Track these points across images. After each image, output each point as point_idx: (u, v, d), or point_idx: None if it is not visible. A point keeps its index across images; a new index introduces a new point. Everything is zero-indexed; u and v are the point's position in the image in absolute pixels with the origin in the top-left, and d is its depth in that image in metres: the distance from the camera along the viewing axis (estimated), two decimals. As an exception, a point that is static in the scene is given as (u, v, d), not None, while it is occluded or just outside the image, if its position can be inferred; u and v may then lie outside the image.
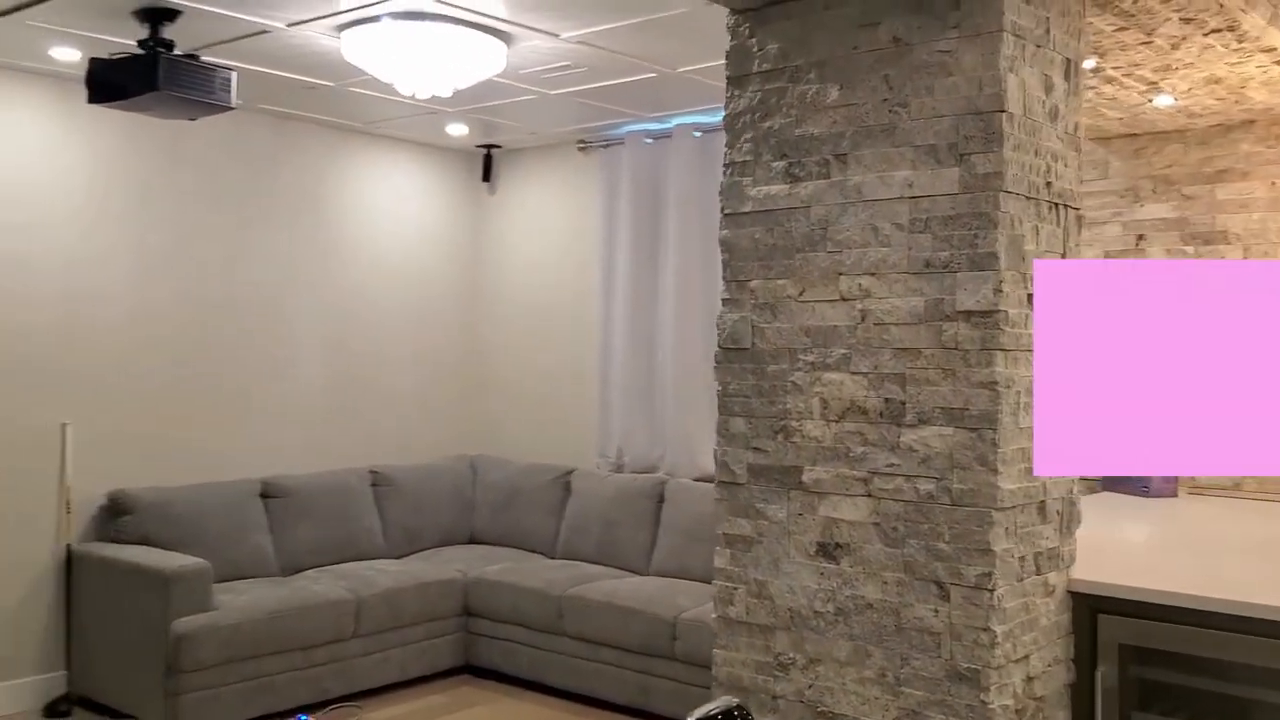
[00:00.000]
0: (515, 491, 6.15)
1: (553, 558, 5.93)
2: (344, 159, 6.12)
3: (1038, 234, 2.52)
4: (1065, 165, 2.62)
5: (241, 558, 5.26)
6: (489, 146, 6.51)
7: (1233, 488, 4.12)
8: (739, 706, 2.21)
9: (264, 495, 5.51)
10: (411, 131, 6.14)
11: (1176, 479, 4.11)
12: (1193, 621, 2.52)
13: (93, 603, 4.88)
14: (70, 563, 5.01)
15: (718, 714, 2.17)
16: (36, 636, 4.94)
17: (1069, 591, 2.68)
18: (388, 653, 5.22)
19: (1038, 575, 2.55)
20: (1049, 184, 2.56)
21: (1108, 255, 4.39)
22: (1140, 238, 4.30)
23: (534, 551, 6.02)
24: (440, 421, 6.59)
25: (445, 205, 6.63)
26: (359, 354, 6.18)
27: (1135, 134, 4.30)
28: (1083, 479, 4.49)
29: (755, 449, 2.75)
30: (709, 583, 5.22)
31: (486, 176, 6.66)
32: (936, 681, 2.45)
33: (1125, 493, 4.16)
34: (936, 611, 2.46)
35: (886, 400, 2.54)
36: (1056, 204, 2.60)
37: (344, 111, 5.66)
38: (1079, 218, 2.68)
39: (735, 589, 2.78)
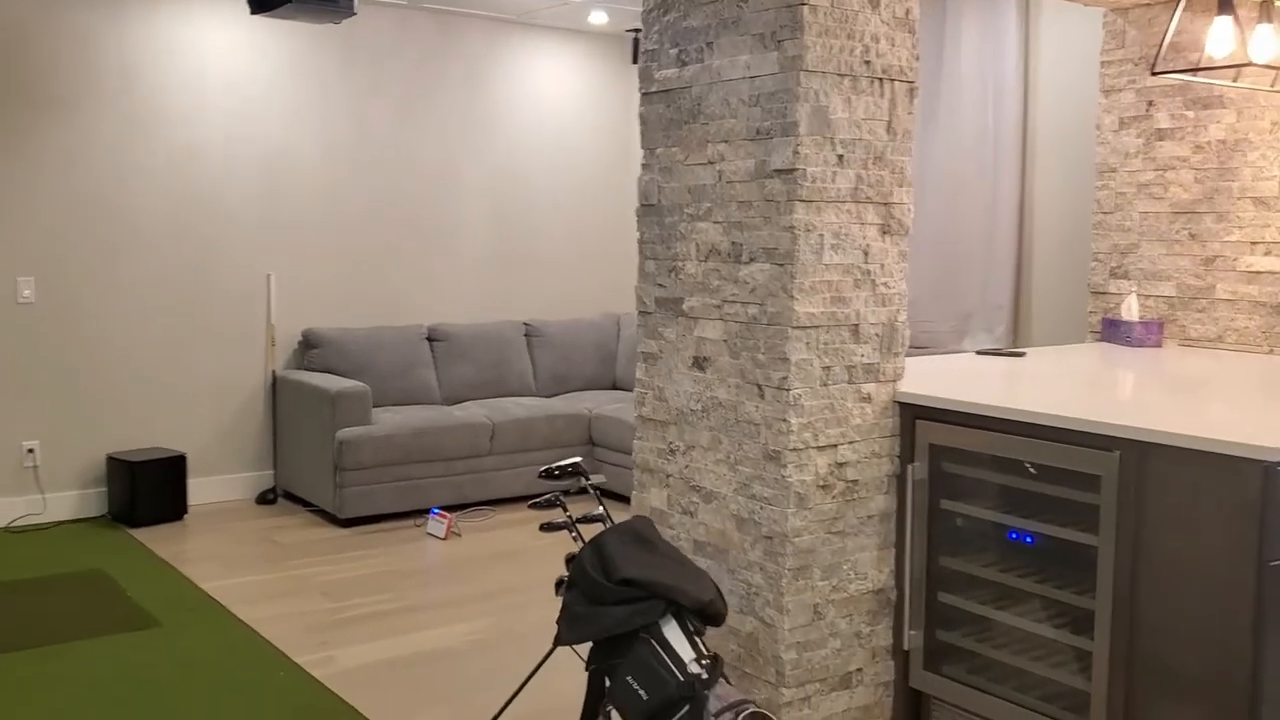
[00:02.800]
0: (649, 344, 7.02)
1: (674, 402, 6.77)
2: (501, 49, 7.04)
3: (850, 105, 3.06)
4: (893, 45, 3.11)
5: (411, 388, 6.45)
6: (636, 31, 7.22)
7: (1215, 339, 4.37)
8: (575, 462, 3.02)
9: (430, 339, 6.67)
10: (561, 21, 6.97)
11: (1161, 331, 4.41)
12: (987, 426, 3.06)
13: (289, 416, 6.22)
14: (274, 385, 6.37)
15: (563, 467, 2.99)
16: (252, 441, 6.36)
17: (896, 401, 3.26)
18: (519, 470, 6.28)
19: (849, 384, 3.15)
20: (868, 62, 3.08)
21: (1121, 121, 4.63)
22: (1150, 104, 4.51)
23: (662, 396, 6.89)
24: (588, 283, 7.52)
25: (596, 86, 7.43)
26: (517, 223, 7.18)
27: (1149, 4, 4.48)
28: (1088, 330, 4.82)
29: (658, 284, 3.46)
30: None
31: (635, 59, 7.39)
32: (757, 461, 3.14)
33: (1115, 342, 4.49)
34: (758, 407, 3.13)
35: (733, 243, 3.19)
36: (880, 79, 3.11)
37: (499, 5, 6.56)
38: (910, 89, 3.17)
39: (645, 394, 3.53)
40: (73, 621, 4.37)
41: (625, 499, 6.36)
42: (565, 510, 3.06)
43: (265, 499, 6.28)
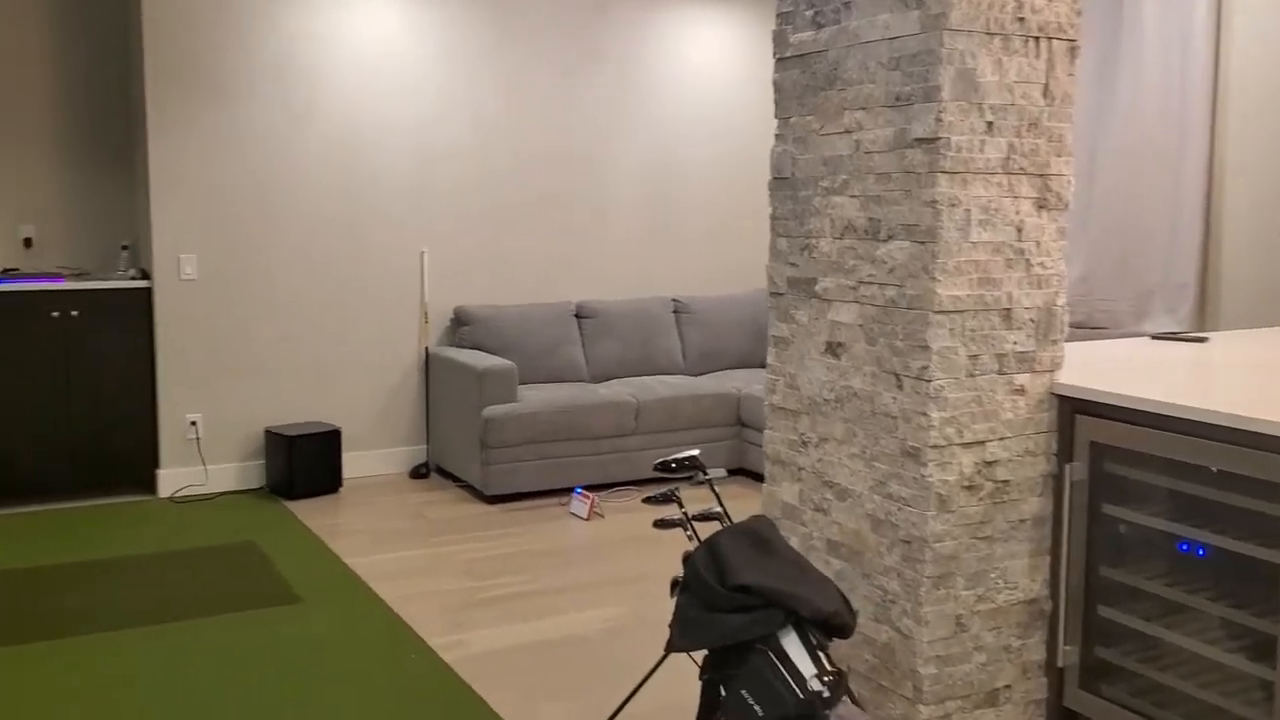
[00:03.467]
0: (804, 321, 6.76)
1: (829, 381, 6.51)
2: (655, 20, 6.86)
3: (1000, 67, 2.75)
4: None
5: (558, 366, 6.40)
6: (793, -1, 6.93)
7: None
8: (691, 456, 2.85)
9: (578, 315, 6.59)
10: (713, -9, 6.74)
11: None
12: (1157, 425, 2.73)
13: (440, 392, 6.25)
14: (427, 361, 6.41)
15: (680, 460, 2.82)
16: (405, 417, 6.43)
17: (1053, 394, 2.95)
18: (664, 450, 6.15)
19: (999, 374, 2.86)
20: (1021, 19, 2.77)
21: None
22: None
23: (816, 376, 6.63)
24: (738, 258, 7.30)
25: (750, 56, 7.17)
26: (667, 197, 7.01)
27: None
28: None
29: (790, 263, 3.24)
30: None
31: (793, 28, 7.09)
32: (894, 457, 2.90)
33: None
34: (895, 399, 2.88)
35: (870, 219, 2.94)
36: (1035, 37, 2.79)
37: (643, -21, 6.38)
38: (1071, 48, 2.84)
39: (776, 381, 3.32)
40: (219, 595, 4.47)
41: (775, 482, 6.15)
42: (681, 506, 2.89)
43: (418, 473, 6.33)
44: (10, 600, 4.39)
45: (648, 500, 2.92)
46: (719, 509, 2.88)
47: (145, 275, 5.94)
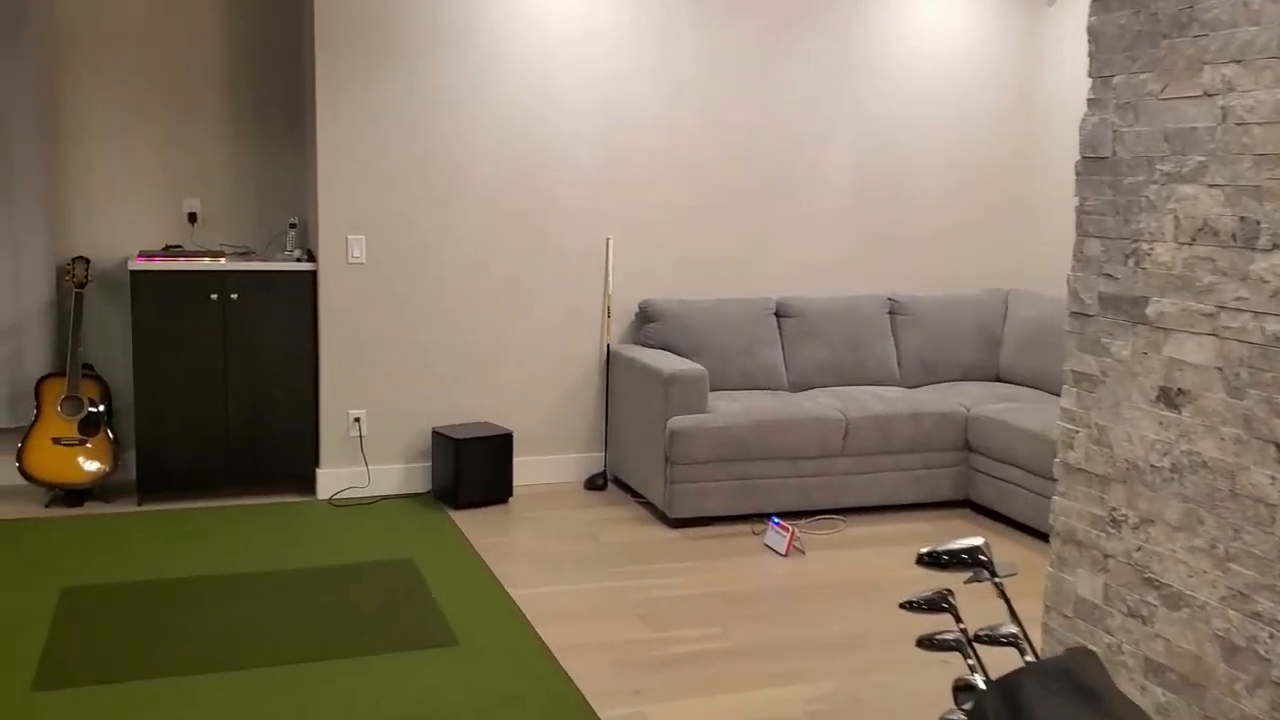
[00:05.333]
0: (1049, 330, 5.78)
1: (1074, 402, 5.52)
2: (881, -21, 5.99)
3: None
4: None
5: (753, 370, 5.63)
6: (1045, -48, 5.94)
7: None
8: (976, 548, 2.05)
9: (778, 314, 5.80)
10: (951, -57, 5.81)
11: None
12: None
13: (622, 396, 5.58)
14: (608, 360, 5.74)
15: (954, 552, 2.04)
16: (583, 421, 5.78)
17: None
18: (879, 475, 5.31)
19: None
20: None
21: None
22: None
23: (1059, 395, 5.66)
24: (969, 252, 6.35)
25: (987, 21, 6.21)
26: (887, 178, 6.13)
27: None
28: None
29: (1106, 274, 2.38)
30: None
31: (1043, -14, 6.10)
32: (1269, 562, 2.02)
33: None
34: (1274, 479, 2.00)
35: (1241, 219, 2.06)
36: None
37: (871, -72, 5.51)
38: None
39: (1076, 433, 2.48)
40: (366, 628, 3.90)
41: (1017, 525, 5.24)
42: (958, 620, 2.09)
43: (594, 484, 5.69)
44: (139, 619, 3.93)
45: (908, 606, 2.13)
46: (1013, 629, 2.07)
47: (311, 257, 5.47)
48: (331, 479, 5.44)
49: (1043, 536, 5.05)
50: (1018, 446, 5.06)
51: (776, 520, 4.88)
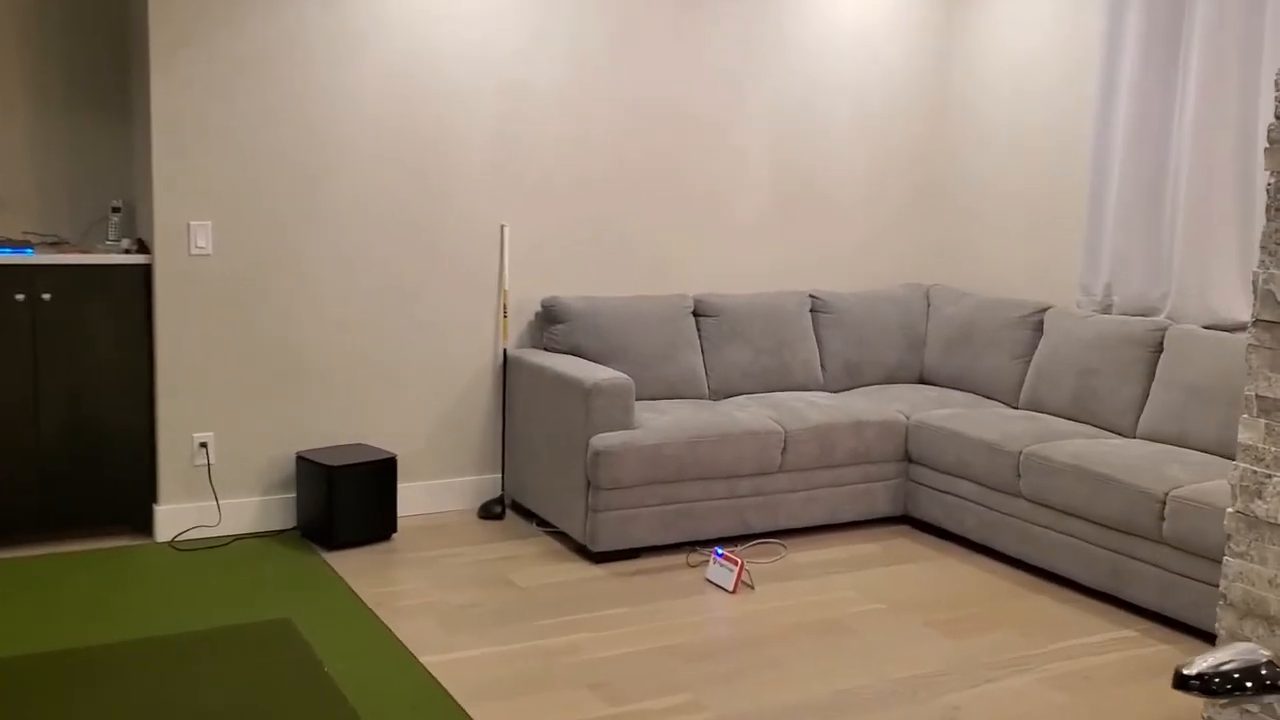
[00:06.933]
0: (974, 328, 5.35)
1: (1014, 407, 5.11)
2: (798, -60, 5.41)
3: None
4: None
5: (672, 376, 4.98)
6: (969, -81, 5.49)
7: None
8: (1270, 663, 1.43)
9: (696, 314, 5.16)
10: (876, -97, 5.28)
11: None
12: None
13: (523, 408, 4.82)
14: (505, 367, 4.97)
15: (1238, 670, 1.41)
16: (474, 438, 4.99)
17: None
18: (815, 492, 4.75)
19: None
20: None
21: None
22: None
23: (990, 398, 5.23)
24: (891, 246, 5.87)
25: (913, 7, 5.74)
26: (804, 168, 5.58)
27: None
28: None
29: (1322, 274, 1.83)
30: (1218, 454, 4.20)
31: (964, -43, 5.65)
32: None
33: None
34: None
35: None
36: None
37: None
38: None
39: (1269, 477, 1.91)
40: (248, 718, 3.05)
41: (964, 542, 4.74)
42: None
43: (491, 513, 4.91)
44: (-61, 730, 2.96)
45: None
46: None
47: (144, 247, 4.49)
48: (173, 517, 4.48)
49: (997, 556, 4.59)
50: (970, 459, 4.58)
51: (720, 552, 4.23)
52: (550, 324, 4.90)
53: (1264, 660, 1.44)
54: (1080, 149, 5.19)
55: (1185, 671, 1.46)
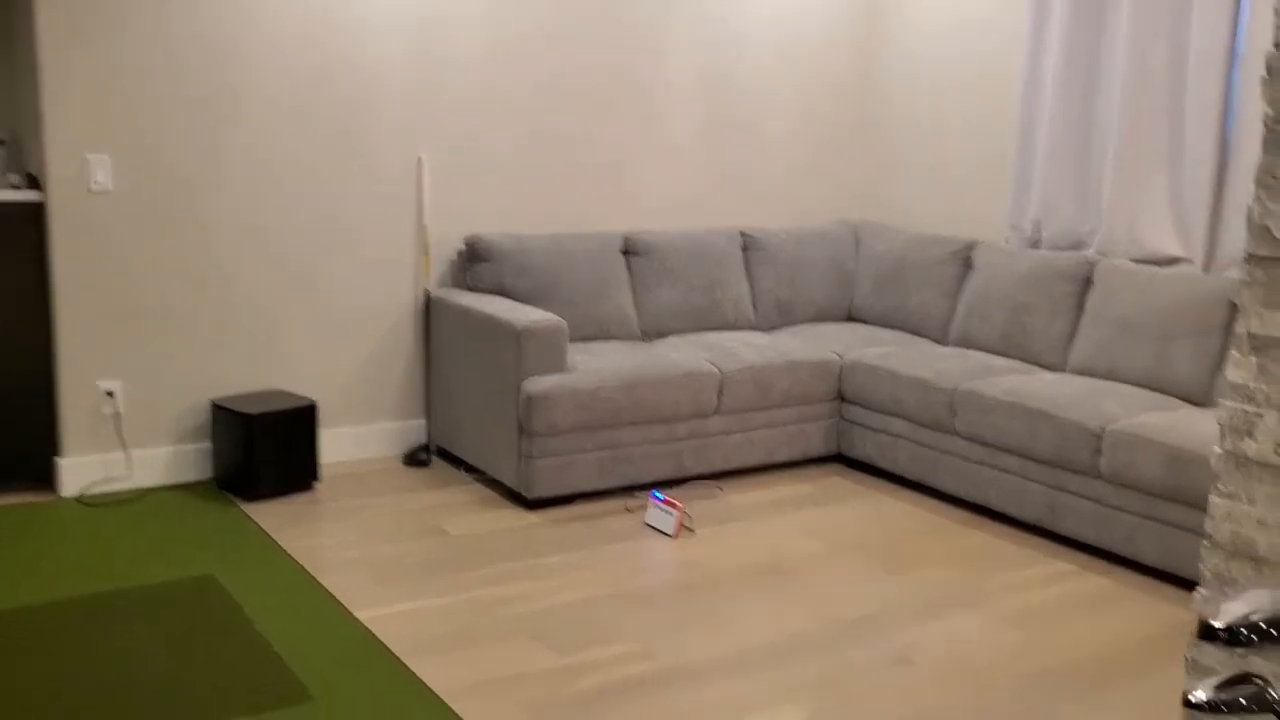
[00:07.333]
0: (904, 265, 5.32)
1: (943, 344, 5.10)
2: None
3: None
4: None
5: (602, 317, 4.84)
6: None
7: None
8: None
9: (626, 251, 5.02)
10: None
11: None
12: None
13: (449, 352, 4.65)
14: (428, 308, 4.78)
15: (1265, 620, 1.35)
16: (397, 382, 4.81)
17: None
18: (752, 433, 4.68)
19: None
20: None
21: None
22: None
23: (920, 335, 5.21)
24: (819, 182, 5.79)
25: (842, -78, 5.59)
26: (734, 105, 5.44)
27: None
28: None
29: (1323, 206, 1.77)
30: (1148, 388, 4.23)
31: (893, -115, 5.53)
32: None
33: None
34: None
35: None
36: None
37: None
38: None
39: (1259, 416, 1.87)
40: (178, 690, 2.87)
41: (897, 479, 4.73)
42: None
43: (416, 459, 4.74)
44: None
45: (1206, 708, 1.42)
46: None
47: (35, 183, 4.17)
48: (78, 470, 4.22)
49: (930, 493, 4.60)
50: (904, 396, 4.56)
51: (659, 496, 4.15)
52: (474, 263, 4.72)
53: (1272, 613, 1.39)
54: (1011, 85, 5.15)
55: (1213, 623, 1.41)
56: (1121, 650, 3.27)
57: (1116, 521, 3.84)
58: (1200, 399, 4.15)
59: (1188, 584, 3.71)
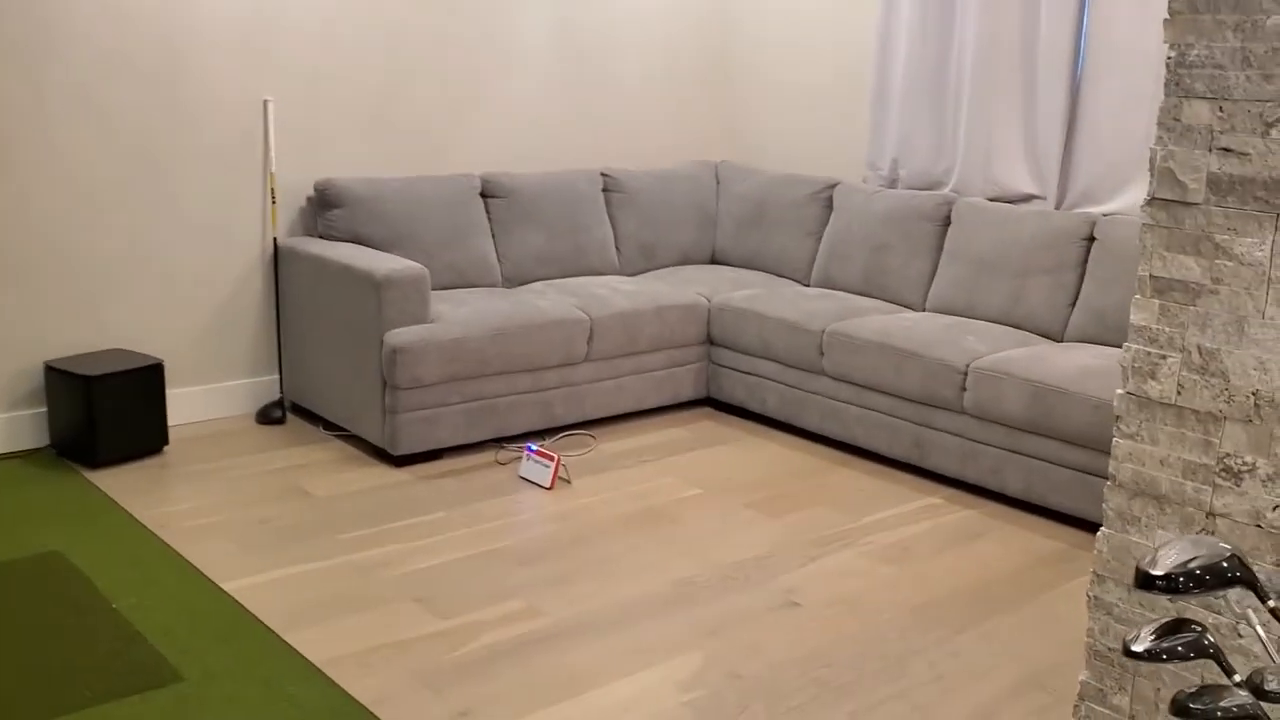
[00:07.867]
0: (765, 206, 5.31)
1: (806, 285, 5.13)
2: None
3: None
4: None
5: (463, 263, 4.69)
6: None
7: None
8: (1233, 557, 1.39)
9: (485, 195, 4.86)
10: None
11: None
12: None
13: (301, 303, 4.42)
14: (276, 258, 4.53)
15: (1201, 568, 1.37)
16: (247, 336, 4.56)
17: None
18: (622, 380, 4.62)
19: None
20: None
21: None
22: None
23: (784, 276, 5.24)
24: (680, 121, 5.72)
25: None
26: (589, 41, 5.30)
27: None
28: None
29: (1224, 150, 1.79)
30: (1005, 324, 4.35)
31: None
32: None
33: None
34: None
35: None
36: None
37: None
38: None
39: (1163, 357, 1.90)
40: (35, 677, 2.65)
41: (768, 421, 4.75)
42: (1228, 671, 1.43)
43: (270, 417, 4.51)
44: None
45: (1146, 656, 1.43)
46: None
47: None
48: (-105, 444, 3.86)
49: (799, 433, 4.64)
50: (771, 339, 4.57)
51: (533, 447, 4.05)
52: (325, 209, 4.48)
53: (1226, 554, 1.41)
54: (868, 25, 5.16)
55: (1151, 571, 1.42)
56: (995, 580, 3.36)
57: (982, 455, 3.95)
58: (1056, 334, 4.29)
59: (1051, 514, 3.85)
